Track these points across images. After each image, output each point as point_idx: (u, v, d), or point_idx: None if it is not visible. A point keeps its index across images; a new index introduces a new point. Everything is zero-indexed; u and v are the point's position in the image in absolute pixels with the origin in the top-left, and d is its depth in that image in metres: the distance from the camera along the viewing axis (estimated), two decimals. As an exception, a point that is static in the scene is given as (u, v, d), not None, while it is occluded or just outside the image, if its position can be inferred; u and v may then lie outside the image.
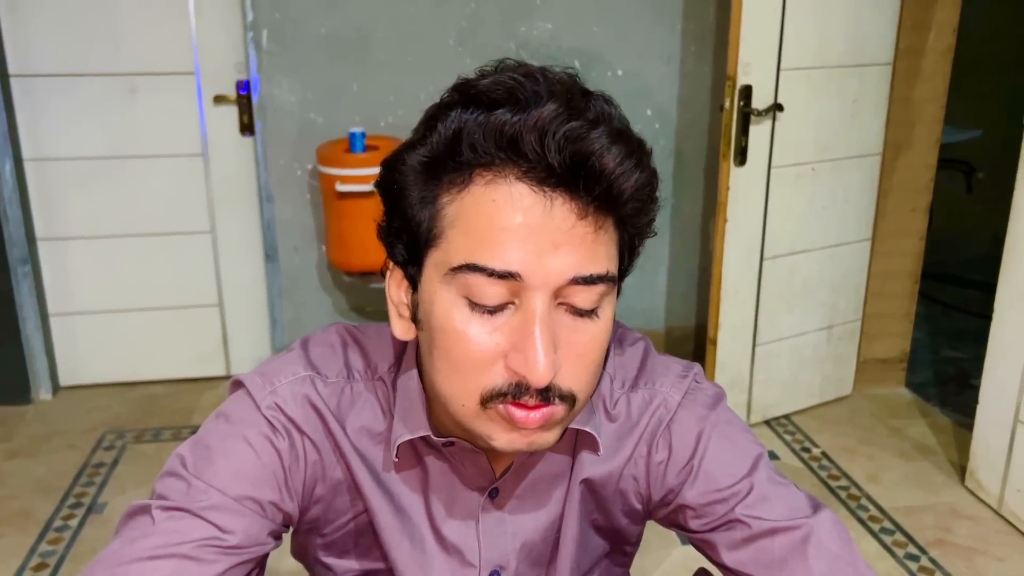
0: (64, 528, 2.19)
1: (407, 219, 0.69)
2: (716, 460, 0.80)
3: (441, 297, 0.67)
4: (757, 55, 2.33)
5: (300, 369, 0.79)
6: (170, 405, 2.84)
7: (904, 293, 2.85)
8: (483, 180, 0.65)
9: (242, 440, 0.75)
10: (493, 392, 0.67)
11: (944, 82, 2.65)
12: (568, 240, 0.64)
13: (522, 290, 0.65)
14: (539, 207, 0.63)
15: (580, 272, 0.65)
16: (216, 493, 0.73)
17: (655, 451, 0.82)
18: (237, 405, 0.78)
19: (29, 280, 2.75)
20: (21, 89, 2.67)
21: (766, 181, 2.47)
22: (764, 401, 2.70)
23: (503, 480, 0.81)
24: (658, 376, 0.84)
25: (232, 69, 2.75)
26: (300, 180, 2.83)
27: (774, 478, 0.81)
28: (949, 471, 2.44)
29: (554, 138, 0.62)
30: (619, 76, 2.87)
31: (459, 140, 0.65)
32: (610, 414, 0.82)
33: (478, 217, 0.65)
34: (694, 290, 3.14)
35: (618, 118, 0.67)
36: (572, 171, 0.63)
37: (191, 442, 0.77)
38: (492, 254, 0.64)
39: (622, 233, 0.69)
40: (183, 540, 0.70)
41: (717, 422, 0.81)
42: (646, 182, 0.66)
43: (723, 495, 0.79)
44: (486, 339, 0.66)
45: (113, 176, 2.78)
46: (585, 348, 0.68)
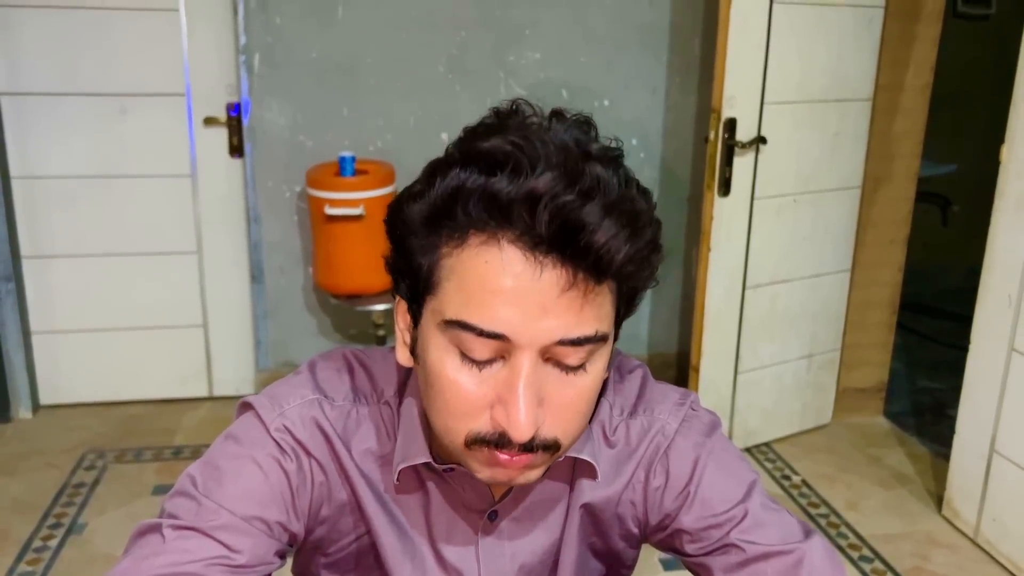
0: (43, 548, 2.17)
1: (410, 262, 0.71)
2: (712, 486, 0.82)
3: (436, 343, 0.69)
4: (741, 89, 2.38)
5: (308, 392, 0.81)
6: (152, 425, 2.83)
7: (882, 323, 2.90)
8: (478, 240, 0.66)
9: (251, 461, 0.77)
10: (477, 437, 0.69)
11: (922, 117, 2.72)
12: (556, 305, 0.65)
13: (510, 348, 0.66)
14: (529, 272, 0.64)
15: (567, 335, 0.66)
16: (226, 513, 0.74)
17: (653, 477, 0.84)
18: (247, 427, 0.80)
19: (12, 297, 2.74)
20: (11, 107, 2.67)
21: (749, 212, 2.51)
22: (746, 428, 2.72)
23: (502, 504, 0.83)
24: (656, 404, 0.86)
25: (223, 91, 2.77)
26: (288, 202, 2.84)
27: (767, 504, 0.83)
28: (926, 500, 2.48)
29: (546, 210, 0.63)
30: (605, 106, 2.92)
31: (456, 200, 0.66)
32: (609, 440, 0.84)
33: (471, 276, 0.66)
34: (677, 317, 3.18)
35: (618, 183, 0.66)
36: (562, 242, 0.64)
37: (201, 462, 0.79)
38: (481, 314, 0.66)
39: (620, 288, 0.70)
40: (193, 559, 0.72)
41: (713, 449, 0.84)
42: (641, 249, 0.67)
43: (718, 520, 0.81)
44: (474, 389, 0.68)
45: (100, 195, 2.78)
46: (571, 401, 0.70)
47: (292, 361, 2.97)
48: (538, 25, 2.82)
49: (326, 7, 2.70)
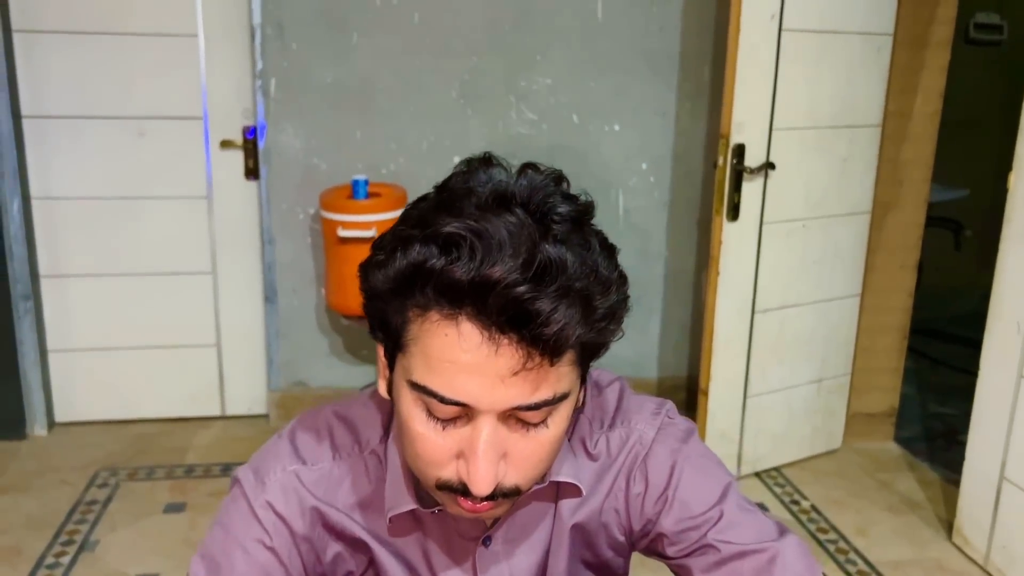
0: (56, 565, 2.19)
1: (383, 318, 0.73)
2: (689, 489, 0.86)
3: (405, 398, 0.73)
4: (750, 115, 2.40)
5: (286, 463, 0.84)
6: (164, 444, 2.86)
7: (893, 348, 2.90)
8: (439, 314, 0.68)
9: (240, 550, 0.81)
10: (445, 484, 0.74)
11: (931, 144, 2.73)
12: (513, 379, 0.68)
13: (471, 412, 0.70)
14: (485, 349, 0.67)
15: (524, 402, 0.69)
16: None
17: (633, 484, 0.87)
18: (234, 511, 0.84)
19: (31, 316, 2.78)
20: (33, 130, 2.73)
21: (758, 236, 2.53)
22: (754, 453, 2.72)
23: (495, 528, 0.86)
24: (633, 414, 0.89)
25: (240, 115, 2.82)
26: (302, 224, 2.88)
27: (743, 505, 0.86)
28: (936, 526, 2.47)
29: (499, 299, 0.64)
30: (616, 130, 2.95)
31: (416, 279, 0.68)
32: (591, 454, 0.88)
33: (432, 346, 0.68)
34: (686, 341, 3.19)
35: (575, 260, 0.67)
36: (518, 326, 0.66)
37: (200, 556, 0.83)
38: (442, 383, 0.69)
39: (583, 350, 0.72)
40: None
41: (689, 454, 0.87)
42: (598, 322, 0.69)
43: (696, 522, 0.85)
44: (440, 443, 0.72)
45: (118, 216, 2.83)
46: (532, 453, 0.73)
47: (303, 381, 3.00)
48: (549, 51, 2.86)
49: (341, 33, 2.75)
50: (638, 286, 3.10)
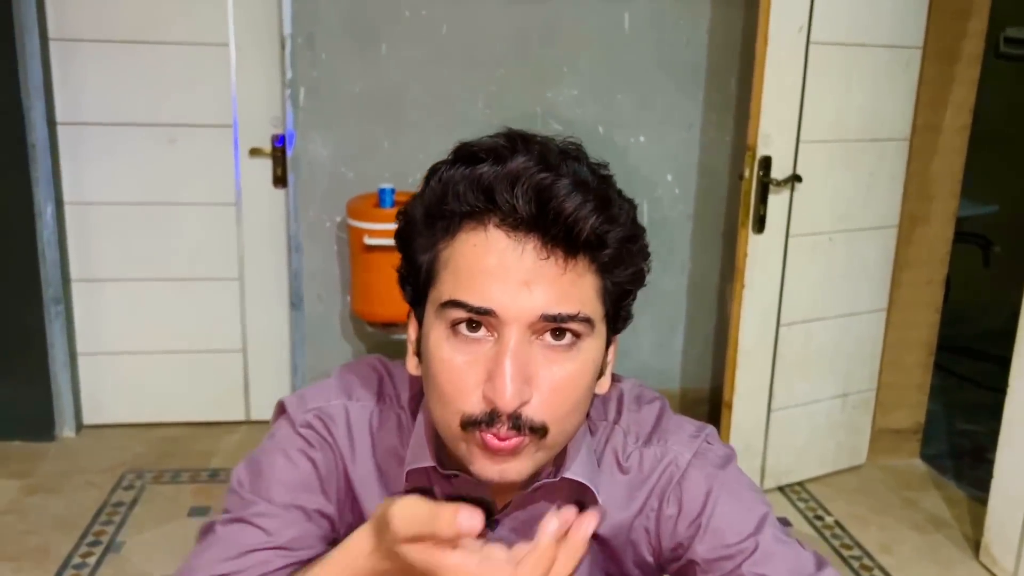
0: (82, 566, 2.22)
1: (414, 263, 0.78)
2: (724, 517, 0.84)
3: (434, 330, 0.75)
4: (777, 127, 2.40)
5: (333, 394, 0.89)
6: (190, 447, 2.89)
7: (919, 364, 2.87)
8: (468, 228, 0.73)
9: (282, 455, 0.86)
10: (470, 419, 0.73)
11: (960, 158, 2.71)
12: (538, 280, 0.71)
13: (499, 325, 0.72)
14: (511, 250, 0.71)
15: (548, 310, 0.72)
16: (263, 503, 0.84)
17: (666, 505, 0.86)
18: (279, 425, 0.89)
19: (61, 319, 2.83)
20: (67, 136, 2.78)
21: (783, 249, 2.52)
22: (778, 467, 2.70)
23: (503, 513, 0.86)
24: (671, 435, 0.88)
25: (269, 123, 2.86)
26: (329, 232, 2.91)
27: (780, 537, 0.84)
28: (963, 545, 2.43)
29: (521, 187, 0.70)
30: (641, 142, 2.96)
31: (446, 191, 0.74)
32: (622, 466, 0.87)
33: (462, 259, 0.73)
34: (710, 353, 3.18)
35: (592, 176, 0.74)
36: (538, 217, 0.71)
37: (246, 460, 0.88)
38: (471, 292, 0.72)
39: (604, 281, 0.75)
40: (240, 546, 0.82)
41: (726, 481, 0.86)
42: (613, 230, 0.73)
43: (730, 551, 0.83)
44: (466, 369, 0.73)
45: (148, 222, 2.87)
46: (559, 383, 0.74)
47: (328, 388, 3.01)
48: (575, 63, 2.87)
49: (370, 44, 2.78)
50: (662, 297, 3.11)
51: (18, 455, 2.78)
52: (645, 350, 3.12)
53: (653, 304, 3.09)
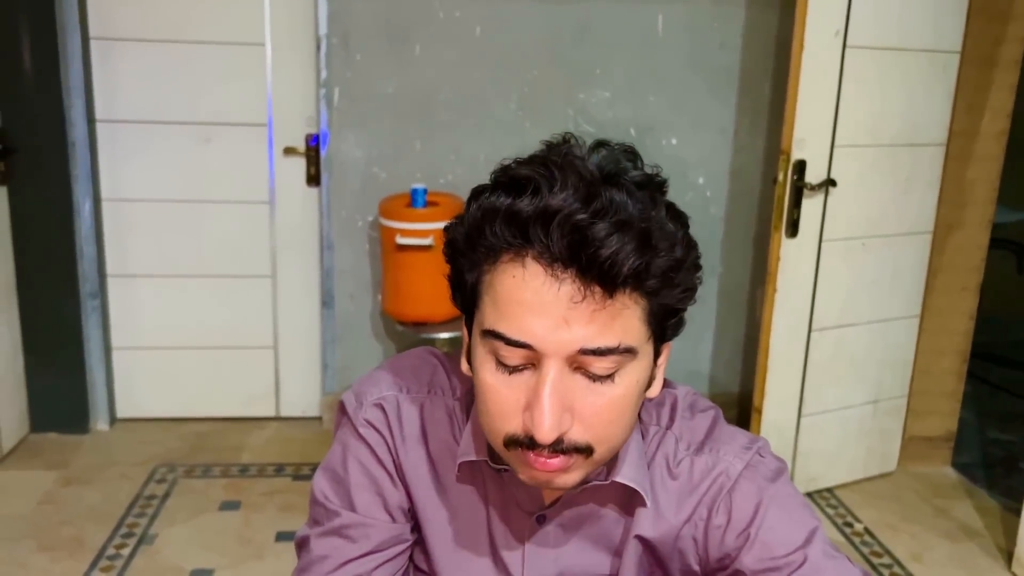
0: (116, 557, 2.26)
1: (460, 279, 0.79)
2: (773, 530, 0.83)
3: (479, 352, 0.76)
4: (811, 131, 2.39)
5: (385, 386, 0.91)
6: (220, 443, 2.92)
7: (952, 371, 2.84)
8: (507, 257, 0.73)
9: (355, 461, 0.89)
10: (512, 439, 0.75)
11: (997, 164, 2.68)
12: (577, 316, 0.70)
13: (538, 356, 0.72)
14: (549, 285, 0.70)
15: (587, 345, 0.71)
16: (348, 512, 0.88)
17: (715, 515, 0.86)
18: (343, 429, 0.91)
19: (97, 314, 2.87)
20: (105, 134, 2.83)
21: (816, 254, 2.50)
22: (807, 473, 2.69)
23: (551, 509, 0.88)
24: (723, 445, 0.88)
25: (303, 123, 2.88)
26: (361, 231, 2.93)
27: (829, 552, 0.84)
28: (995, 555, 2.41)
29: (558, 228, 0.69)
30: (673, 145, 2.95)
31: (485, 221, 0.73)
32: (672, 472, 0.87)
33: (501, 290, 0.73)
34: (739, 357, 3.16)
35: (635, 205, 0.71)
36: (575, 257, 0.69)
37: (324, 470, 0.92)
38: (509, 325, 0.72)
39: (650, 304, 0.74)
40: (336, 560, 0.87)
41: (776, 494, 0.85)
42: (656, 264, 0.71)
43: (777, 563, 0.82)
44: (507, 394, 0.74)
45: (183, 219, 2.91)
46: (600, 409, 0.74)
47: (357, 386, 3.04)
48: (608, 65, 2.87)
49: (404, 45, 2.80)
50: (692, 301, 3.09)
51: (53, 447, 2.83)
52: (674, 353, 3.07)
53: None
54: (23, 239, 2.75)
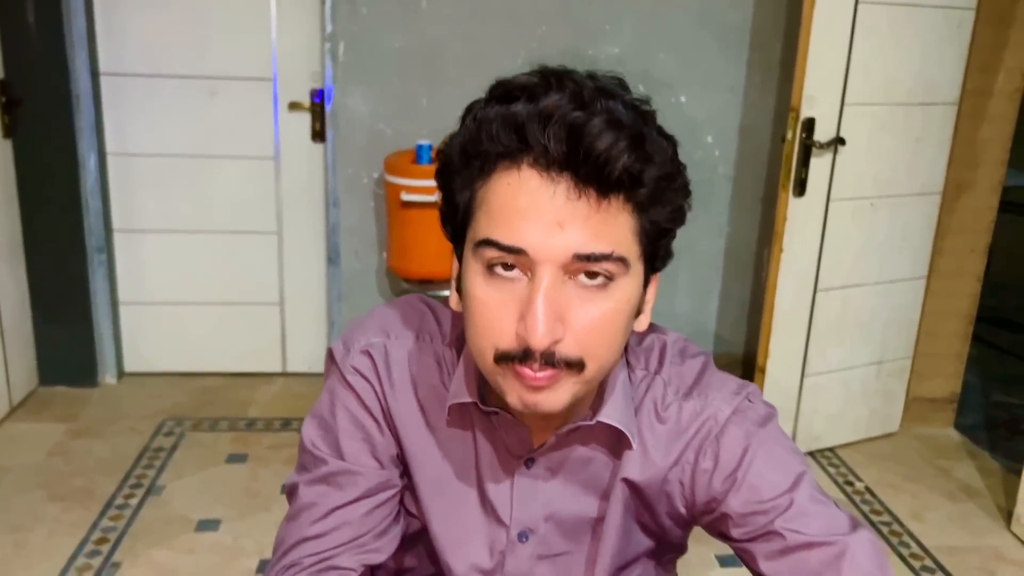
0: (124, 507, 2.29)
1: (453, 202, 0.78)
2: (760, 474, 0.84)
3: (471, 268, 0.76)
4: (822, 89, 2.36)
5: (372, 333, 0.91)
6: (227, 397, 2.95)
7: (957, 334, 2.84)
8: (502, 167, 0.74)
9: (343, 409, 0.89)
10: (504, 354, 0.74)
11: (1010, 124, 2.65)
12: (571, 220, 0.71)
13: (532, 264, 0.72)
14: (544, 190, 0.71)
15: (581, 250, 0.71)
16: (336, 460, 0.89)
17: (702, 459, 0.86)
18: (331, 377, 0.92)
19: (104, 269, 2.88)
20: (110, 87, 2.81)
21: (824, 213, 2.49)
22: (810, 432, 2.70)
23: (540, 452, 0.88)
24: (712, 390, 0.88)
25: (308, 78, 2.86)
26: (366, 188, 2.92)
27: (815, 496, 0.84)
28: (995, 515, 2.42)
29: (554, 126, 0.70)
30: (682, 102, 2.92)
31: (481, 129, 0.74)
32: (660, 416, 0.88)
33: (496, 199, 0.74)
34: (745, 317, 3.16)
35: (628, 114, 0.72)
36: (570, 156, 0.70)
37: (313, 417, 0.92)
38: (504, 231, 0.72)
39: (641, 221, 0.75)
40: (325, 507, 0.88)
41: (765, 439, 0.85)
42: (644, 166, 0.72)
43: (764, 507, 0.83)
44: (499, 308, 0.74)
45: (189, 174, 2.91)
46: (593, 321, 0.74)
47: (362, 342, 3.05)
48: (618, 21, 2.83)
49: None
50: (699, 260, 3.09)
51: (63, 400, 2.86)
52: (680, 312, 3.11)
53: (690, 266, 3.07)
54: (29, 193, 2.76)
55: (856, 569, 0.79)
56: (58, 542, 2.12)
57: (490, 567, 0.92)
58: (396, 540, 0.91)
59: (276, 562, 0.89)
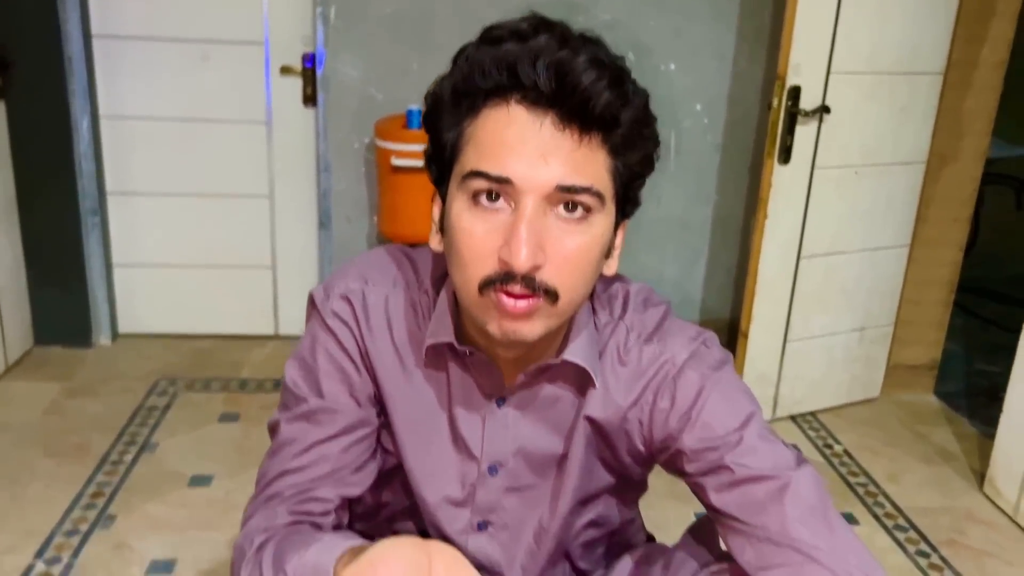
0: (118, 463, 2.34)
1: (440, 143, 0.84)
2: (712, 413, 0.90)
3: (456, 201, 0.82)
4: (808, 57, 2.38)
5: (351, 280, 0.95)
6: (220, 358, 2.99)
7: (939, 302, 2.88)
8: (491, 104, 0.79)
9: (323, 351, 0.94)
10: (487, 280, 0.80)
11: (995, 95, 2.67)
12: (554, 152, 0.77)
13: (516, 194, 0.78)
14: (531, 124, 0.77)
15: (563, 181, 0.77)
16: (316, 398, 0.94)
17: (660, 399, 0.92)
18: (312, 322, 0.96)
19: (98, 231, 2.91)
20: (102, 49, 2.82)
21: (808, 181, 2.52)
22: (791, 397, 2.75)
23: (510, 391, 0.94)
24: (671, 336, 0.94)
25: (299, 42, 2.87)
26: (357, 153, 2.95)
27: (764, 434, 0.90)
28: (969, 477, 2.48)
29: (542, 62, 0.76)
30: (671, 70, 2.94)
31: (472, 70, 0.80)
32: (622, 359, 0.94)
33: (485, 133, 0.79)
34: (731, 285, 3.20)
35: (607, 57, 0.79)
36: (557, 91, 0.76)
37: (295, 358, 0.97)
38: (491, 162, 0.78)
39: (616, 162, 0.81)
40: (305, 443, 0.94)
41: (718, 381, 0.92)
42: (624, 107, 0.78)
43: (715, 443, 0.89)
44: (483, 237, 0.79)
45: (181, 137, 2.93)
46: (570, 253, 0.79)
47: (354, 306, 3.09)
48: (609, -13, 2.84)
49: (402, -37, 2.77)
50: (687, 228, 3.12)
51: (58, 360, 2.90)
52: (667, 280, 3.15)
53: (678, 234, 3.11)
54: (23, 155, 2.78)
55: (798, 501, 0.85)
56: (54, 496, 2.17)
57: (461, 498, 0.97)
58: (372, 475, 0.97)
59: (259, 493, 0.94)
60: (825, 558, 0.83)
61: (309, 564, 0.78)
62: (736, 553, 0.89)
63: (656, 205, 3.05)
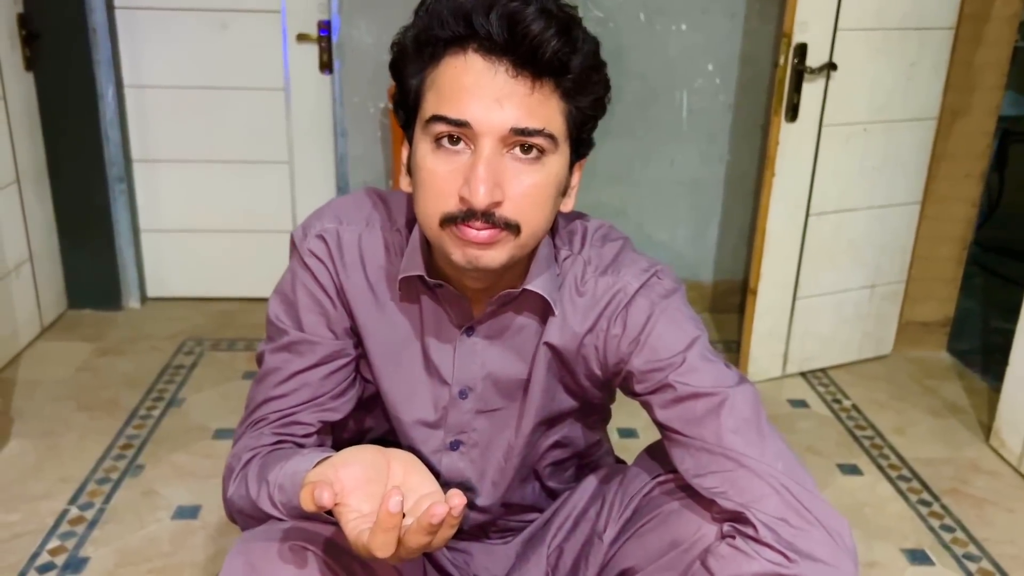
0: (147, 417, 2.45)
1: (405, 89, 0.90)
2: (660, 337, 0.97)
3: (420, 144, 0.88)
4: (815, 13, 2.39)
5: (326, 220, 1.03)
6: (244, 320, 3.09)
7: (952, 258, 2.89)
8: (451, 52, 0.86)
9: (302, 287, 1.01)
10: (448, 216, 0.87)
11: (1008, 49, 2.66)
12: (509, 97, 0.84)
13: (474, 137, 0.85)
14: (487, 71, 0.84)
15: (518, 124, 0.84)
16: (297, 331, 1.02)
17: (613, 326, 0.99)
18: (293, 260, 1.04)
19: (124, 197, 3.02)
20: (124, 20, 2.90)
21: (816, 139, 2.53)
22: (801, 354, 2.79)
23: (479, 320, 1.01)
24: (625, 267, 1.01)
25: (315, 9, 2.93)
26: (372, 118, 3.01)
27: (706, 356, 0.97)
28: (976, 430, 2.51)
29: (496, 12, 0.82)
30: (683, 30, 2.95)
31: (432, 20, 0.85)
32: (580, 290, 1.01)
33: (444, 80, 0.85)
34: (744, 245, 3.23)
35: (556, 8, 0.84)
36: (509, 40, 0.81)
37: (277, 294, 1.04)
38: (451, 107, 0.84)
39: (568, 106, 0.87)
40: (287, 372, 1.02)
41: (666, 308, 0.99)
42: (571, 53, 0.83)
43: (660, 365, 0.96)
44: (445, 175, 0.86)
45: (202, 105, 3.01)
46: (527, 190, 0.86)
47: (372, 269, 3.17)
48: (619, -52, 2.85)
49: (413, -72, 2.80)
50: (699, 189, 3.15)
51: (89, 322, 3.02)
52: (680, 240, 3.18)
53: (690, 194, 3.14)
54: (52, 124, 2.88)
55: (734, 415, 0.93)
56: (87, 446, 2.28)
57: (434, 420, 1.05)
58: (352, 402, 1.04)
59: (246, 419, 1.02)
60: (755, 464, 0.91)
61: (288, 472, 0.86)
62: (677, 462, 0.97)
63: (669, 166, 3.08)
